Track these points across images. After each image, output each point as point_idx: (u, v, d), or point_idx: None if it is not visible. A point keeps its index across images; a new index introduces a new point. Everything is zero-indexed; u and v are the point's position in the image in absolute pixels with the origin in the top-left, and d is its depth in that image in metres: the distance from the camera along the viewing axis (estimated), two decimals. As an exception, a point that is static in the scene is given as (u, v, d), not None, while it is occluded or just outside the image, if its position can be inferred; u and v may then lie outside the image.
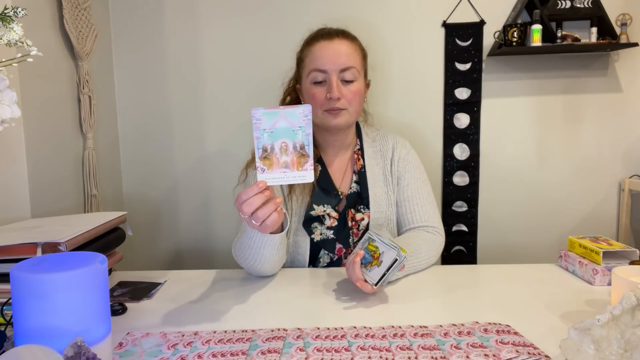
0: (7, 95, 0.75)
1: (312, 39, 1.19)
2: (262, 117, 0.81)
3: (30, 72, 1.30)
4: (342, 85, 1.14)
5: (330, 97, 1.13)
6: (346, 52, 1.15)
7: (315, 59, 1.15)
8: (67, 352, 0.56)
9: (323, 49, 1.15)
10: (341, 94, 1.13)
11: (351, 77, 1.15)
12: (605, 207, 1.94)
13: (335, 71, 1.13)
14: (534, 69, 1.89)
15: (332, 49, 1.15)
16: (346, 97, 1.14)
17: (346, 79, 1.15)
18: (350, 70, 1.14)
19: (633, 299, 0.61)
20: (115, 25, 1.89)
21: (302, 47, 1.22)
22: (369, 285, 0.90)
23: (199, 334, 0.77)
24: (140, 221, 1.93)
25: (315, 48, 1.16)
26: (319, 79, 1.15)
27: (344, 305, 0.90)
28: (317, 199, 1.19)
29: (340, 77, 1.14)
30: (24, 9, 0.78)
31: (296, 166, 0.80)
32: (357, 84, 1.16)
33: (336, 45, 1.15)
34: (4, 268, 0.85)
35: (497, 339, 0.73)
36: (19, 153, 1.27)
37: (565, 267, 1.10)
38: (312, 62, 1.16)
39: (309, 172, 0.81)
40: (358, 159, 1.25)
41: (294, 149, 0.80)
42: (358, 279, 0.91)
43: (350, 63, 1.14)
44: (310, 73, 1.16)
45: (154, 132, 1.94)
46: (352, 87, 1.15)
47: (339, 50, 1.14)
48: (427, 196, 1.24)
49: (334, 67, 1.13)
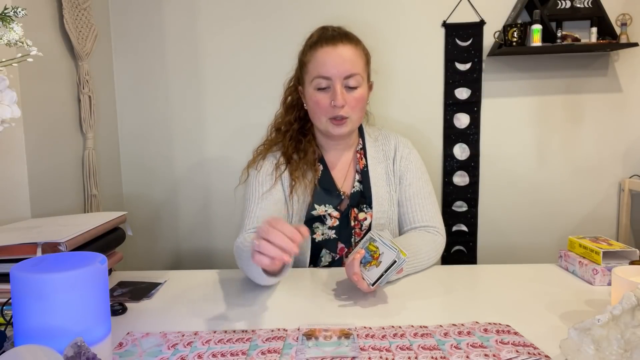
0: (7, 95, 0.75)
1: (315, 43, 1.17)
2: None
3: (30, 72, 1.30)
4: (346, 92, 1.14)
5: (334, 104, 1.12)
6: (350, 58, 1.13)
7: (319, 66, 1.14)
8: (67, 352, 0.56)
9: (327, 55, 1.13)
10: (345, 101, 1.13)
11: (355, 84, 1.14)
12: (606, 207, 1.94)
13: (340, 78, 1.12)
14: (534, 69, 1.89)
15: (336, 55, 1.13)
16: (350, 104, 1.14)
17: (350, 86, 1.14)
18: (355, 77, 1.13)
19: (633, 299, 0.61)
20: (115, 25, 1.89)
21: (305, 49, 1.20)
22: (366, 283, 0.90)
23: (199, 334, 0.77)
24: (140, 221, 1.93)
25: (318, 54, 1.14)
26: (322, 85, 1.14)
27: (344, 305, 0.90)
28: (318, 198, 1.19)
29: (344, 83, 1.13)
30: (24, 9, 0.78)
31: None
32: (361, 89, 1.15)
33: (340, 51, 1.13)
34: (4, 268, 0.85)
35: (497, 339, 0.73)
36: (19, 153, 1.27)
37: (565, 267, 1.10)
38: (316, 69, 1.14)
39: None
40: (360, 158, 1.25)
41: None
42: (354, 273, 0.91)
43: (355, 69, 1.13)
44: (314, 79, 1.14)
45: (154, 132, 1.94)
46: (356, 93, 1.14)
47: (343, 57, 1.13)
48: (429, 196, 1.24)
49: (338, 74, 1.12)
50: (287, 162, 1.21)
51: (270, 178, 1.20)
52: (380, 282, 0.89)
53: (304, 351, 0.70)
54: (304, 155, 1.21)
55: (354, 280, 0.91)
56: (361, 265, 0.92)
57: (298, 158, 1.21)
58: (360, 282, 0.90)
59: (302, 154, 1.21)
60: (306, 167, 1.20)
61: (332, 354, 0.69)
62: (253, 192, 1.19)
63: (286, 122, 1.26)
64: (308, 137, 1.24)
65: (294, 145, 1.22)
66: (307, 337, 0.74)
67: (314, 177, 1.19)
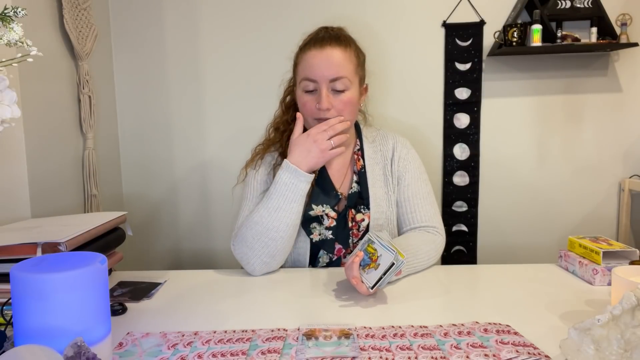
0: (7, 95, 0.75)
1: (305, 45, 1.17)
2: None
3: (30, 72, 1.30)
4: (333, 95, 1.13)
5: (319, 107, 1.12)
6: (337, 61, 1.12)
7: (306, 68, 1.13)
8: (67, 352, 0.56)
9: (314, 57, 1.13)
10: (331, 104, 1.12)
11: (342, 87, 1.13)
12: (606, 207, 1.94)
13: (325, 81, 1.11)
14: (534, 69, 1.89)
15: (322, 58, 1.12)
16: (336, 108, 1.13)
17: (337, 89, 1.12)
18: (341, 80, 1.12)
19: (633, 299, 0.61)
20: (115, 25, 1.89)
21: (297, 51, 1.20)
22: (365, 286, 0.91)
23: (199, 334, 0.77)
24: (140, 221, 1.93)
25: (307, 56, 1.14)
26: (309, 87, 1.13)
27: (344, 305, 0.90)
28: (315, 199, 1.19)
29: (330, 86, 1.12)
30: (24, 9, 0.78)
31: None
32: (349, 93, 1.14)
33: (327, 53, 1.12)
34: (4, 268, 0.85)
35: (497, 339, 0.73)
36: (19, 153, 1.27)
37: (565, 267, 1.10)
38: (303, 71, 1.14)
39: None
40: (358, 159, 1.25)
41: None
42: (354, 277, 0.91)
43: (341, 73, 1.12)
44: (302, 81, 1.14)
45: (154, 132, 1.94)
46: (343, 97, 1.13)
47: (329, 60, 1.12)
48: (428, 196, 1.23)
49: (323, 77, 1.11)
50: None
51: (267, 179, 1.20)
52: (379, 284, 0.89)
53: (304, 351, 0.70)
54: None
55: (353, 283, 0.92)
56: (360, 268, 0.93)
57: None
58: (359, 285, 0.91)
59: None
60: None
61: (332, 353, 0.69)
62: (250, 192, 1.20)
63: (284, 121, 1.26)
64: None
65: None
66: (307, 337, 0.74)
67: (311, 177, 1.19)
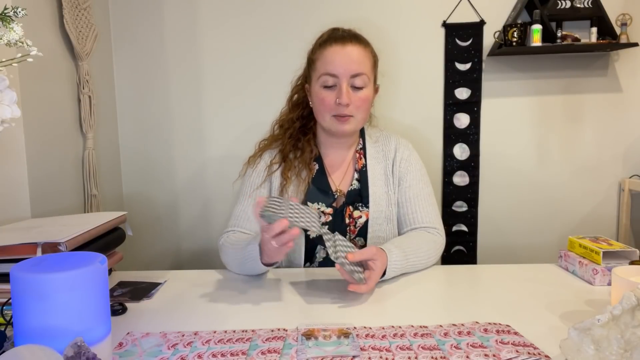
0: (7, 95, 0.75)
1: (324, 42, 1.18)
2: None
3: (30, 72, 1.30)
4: (352, 92, 1.15)
5: (339, 102, 1.14)
6: (358, 58, 1.15)
7: (327, 63, 1.15)
8: (67, 352, 0.56)
9: (335, 53, 1.15)
10: (350, 100, 1.14)
11: (361, 84, 1.15)
12: (606, 207, 1.94)
13: (346, 77, 1.14)
14: (534, 69, 1.89)
15: (344, 54, 1.15)
16: (355, 104, 1.15)
17: (356, 86, 1.15)
18: (361, 77, 1.15)
19: (633, 299, 0.61)
20: (115, 25, 1.89)
21: (314, 48, 1.22)
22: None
23: (199, 334, 0.77)
24: (140, 221, 1.93)
25: (327, 52, 1.16)
26: (329, 83, 1.15)
27: (344, 305, 0.90)
28: (311, 196, 1.21)
29: (350, 82, 1.14)
30: (24, 9, 0.78)
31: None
32: (366, 90, 1.17)
33: (349, 50, 1.15)
34: (4, 268, 0.85)
35: (497, 339, 0.73)
36: (19, 153, 1.27)
37: (565, 267, 1.10)
38: (324, 66, 1.16)
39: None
40: (360, 158, 1.26)
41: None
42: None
43: (361, 70, 1.15)
44: (321, 76, 1.16)
45: (154, 132, 1.94)
46: (361, 94, 1.16)
47: (351, 56, 1.14)
48: (428, 198, 1.24)
49: (345, 72, 1.14)
50: (282, 161, 1.23)
51: (262, 177, 1.23)
52: (357, 268, 0.92)
53: (304, 351, 0.70)
54: (301, 154, 1.23)
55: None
56: (347, 273, 0.93)
57: (294, 156, 1.23)
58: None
59: (299, 152, 1.23)
60: (301, 165, 1.22)
61: (333, 353, 0.69)
62: (245, 189, 1.24)
63: (289, 119, 1.28)
64: (308, 135, 1.25)
65: (292, 143, 1.24)
66: (306, 337, 0.74)
67: (308, 175, 1.21)
